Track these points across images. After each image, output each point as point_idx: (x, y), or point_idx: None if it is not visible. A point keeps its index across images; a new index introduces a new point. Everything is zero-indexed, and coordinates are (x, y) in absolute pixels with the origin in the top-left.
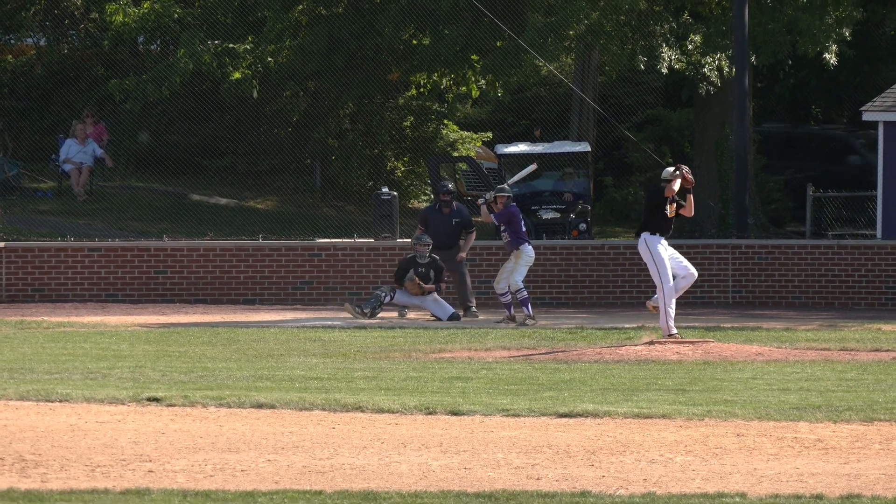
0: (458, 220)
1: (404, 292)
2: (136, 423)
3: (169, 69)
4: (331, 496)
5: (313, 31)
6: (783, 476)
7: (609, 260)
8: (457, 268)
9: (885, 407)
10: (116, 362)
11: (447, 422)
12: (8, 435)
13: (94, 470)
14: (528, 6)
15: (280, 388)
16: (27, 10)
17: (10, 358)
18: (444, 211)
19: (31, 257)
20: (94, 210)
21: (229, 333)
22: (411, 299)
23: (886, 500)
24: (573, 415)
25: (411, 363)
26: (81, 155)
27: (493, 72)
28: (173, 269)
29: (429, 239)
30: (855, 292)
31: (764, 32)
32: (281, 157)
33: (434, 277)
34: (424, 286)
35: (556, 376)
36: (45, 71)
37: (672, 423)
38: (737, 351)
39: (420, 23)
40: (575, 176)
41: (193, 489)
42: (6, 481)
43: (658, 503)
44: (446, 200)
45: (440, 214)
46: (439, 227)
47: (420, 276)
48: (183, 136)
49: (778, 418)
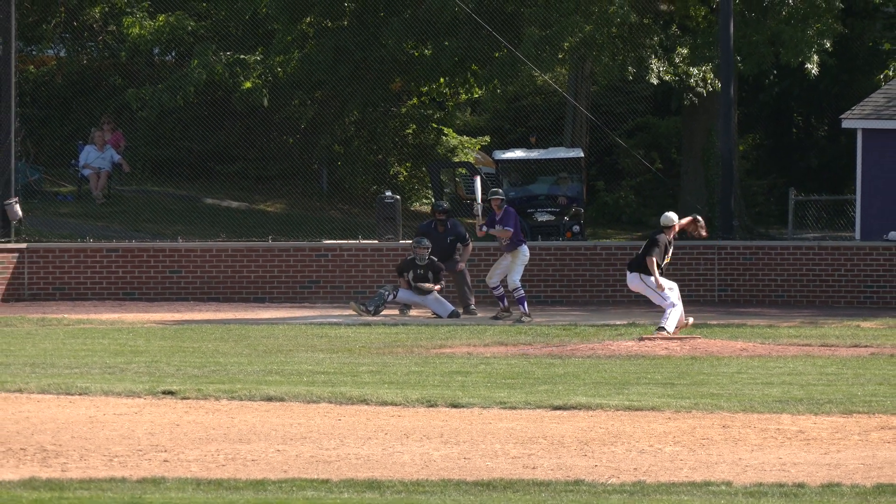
0: (453, 237)
1: (406, 291)
2: (152, 415)
3: (183, 79)
4: (337, 484)
5: (320, 43)
6: (767, 465)
7: (601, 260)
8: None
9: (863, 400)
10: (133, 357)
11: (447, 414)
12: (30, 426)
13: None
14: (524, 20)
15: (288, 382)
16: (48, 22)
17: (31, 353)
18: (440, 229)
19: (52, 258)
20: (112, 213)
21: (240, 330)
22: (413, 297)
23: (865, 488)
24: (567, 407)
25: (413, 358)
26: (100, 161)
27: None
28: (187, 269)
29: (428, 242)
30: (835, 291)
31: (748, 44)
32: (289, 162)
33: (433, 278)
34: (424, 286)
35: (551, 371)
36: (65, 81)
37: (661, 415)
38: (722, 347)
39: (421, 35)
40: (569, 180)
41: (206, 478)
42: (28, 470)
43: (648, 491)
44: (441, 219)
45: (436, 232)
46: (436, 243)
47: (419, 277)
48: (196, 143)
49: (762, 411)
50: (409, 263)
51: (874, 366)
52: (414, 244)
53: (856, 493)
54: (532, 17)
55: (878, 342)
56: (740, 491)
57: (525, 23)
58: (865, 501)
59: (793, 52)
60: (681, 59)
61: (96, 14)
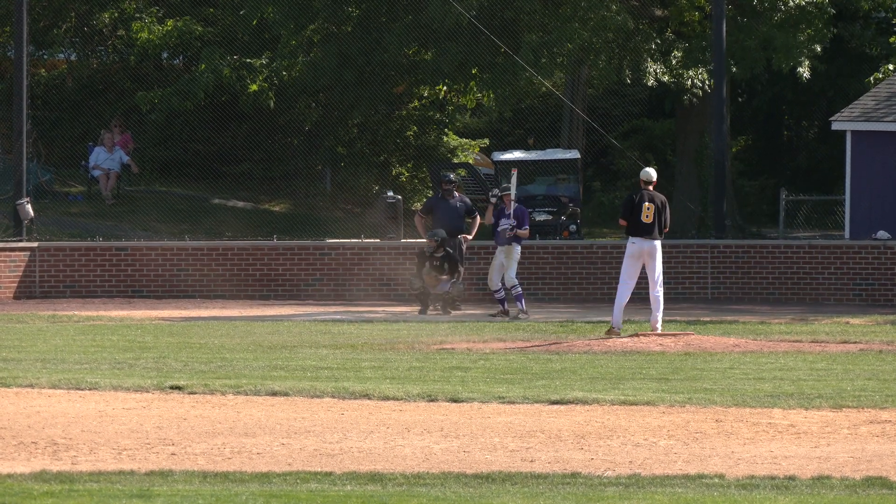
0: (462, 204)
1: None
2: (160, 410)
3: (192, 83)
4: (340, 477)
5: (325, 47)
6: (758, 459)
7: (597, 258)
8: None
9: (852, 395)
10: (141, 353)
11: (447, 408)
12: (41, 421)
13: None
14: (523, 26)
15: (293, 377)
16: (59, 27)
17: (43, 349)
18: (449, 198)
19: (63, 256)
20: (121, 213)
21: (246, 327)
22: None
23: (855, 481)
24: (564, 402)
25: (414, 354)
26: (109, 162)
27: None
28: (194, 268)
29: (443, 233)
30: (825, 289)
31: (741, 49)
32: (294, 163)
33: (448, 269)
34: (440, 276)
35: (549, 366)
36: (76, 84)
37: (655, 410)
38: (715, 343)
39: (423, 40)
40: (566, 181)
41: (213, 470)
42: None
43: (643, 484)
44: (448, 189)
45: (445, 202)
46: (445, 214)
47: (435, 269)
48: (203, 145)
49: (753, 405)
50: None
51: (863, 361)
52: (429, 235)
53: (845, 485)
54: (531, 24)
55: (866, 338)
56: (733, 483)
57: (524, 29)
58: (855, 493)
59: (785, 58)
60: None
61: (106, 19)
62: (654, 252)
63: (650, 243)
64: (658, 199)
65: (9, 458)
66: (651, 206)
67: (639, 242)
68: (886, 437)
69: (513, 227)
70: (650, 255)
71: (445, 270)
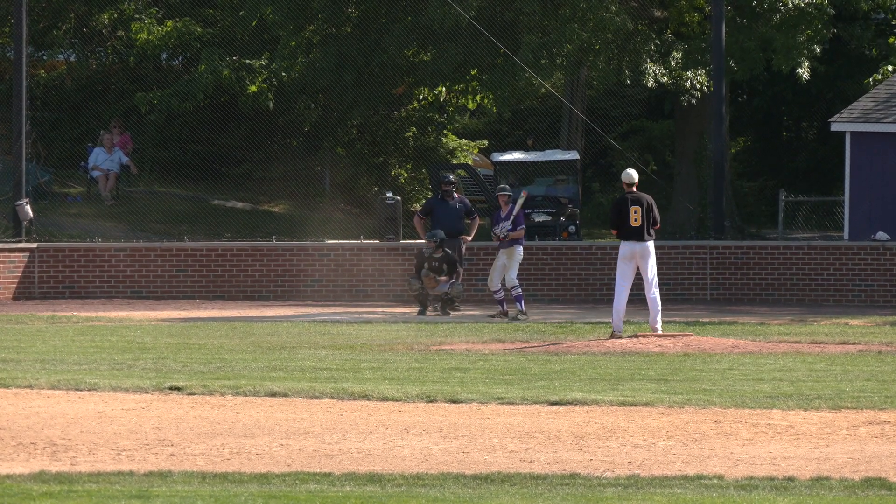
0: (461, 205)
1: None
2: (159, 411)
3: (191, 83)
4: (339, 478)
5: (324, 48)
6: (757, 459)
7: (596, 259)
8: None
9: (851, 396)
10: (141, 354)
11: (446, 409)
12: (40, 421)
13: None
14: (522, 27)
15: (292, 378)
16: (58, 28)
17: (42, 350)
18: (448, 199)
19: (62, 257)
20: (120, 213)
21: (245, 327)
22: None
23: (853, 481)
24: (563, 403)
25: (413, 355)
26: (108, 162)
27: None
28: (193, 268)
29: (442, 234)
30: (824, 290)
31: (741, 50)
32: (293, 164)
33: (447, 270)
34: (439, 277)
35: (548, 367)
36: (75, 85)
37: (654, 411)
38: (714, 344)
39: (422, 41)
40: (565, 182)
41: (212, 471)
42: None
43: (642, 485)
44: (448, 190)
45: (445, 203)
46: (445, 215)
47: (434, 270)
48: (202, 145)
49: (752, 406)
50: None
51: (862, 362)
52: (428, 236)
53: (844, 486)
54: (530, 25)
55: (865, 339)
56: (732, 484)
57: (524, 30)
58: (854, 494)
59: (784, 59)
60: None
61: (105, 20)
62: (647, 253)
63: (642, 245)
64: (644, 200)
65: (8, 458)
66: (638, 208)
67: (630, 245)
68: (885, 438)
69: (506, 231)
70: (642, 257)
71: (444, 271)
